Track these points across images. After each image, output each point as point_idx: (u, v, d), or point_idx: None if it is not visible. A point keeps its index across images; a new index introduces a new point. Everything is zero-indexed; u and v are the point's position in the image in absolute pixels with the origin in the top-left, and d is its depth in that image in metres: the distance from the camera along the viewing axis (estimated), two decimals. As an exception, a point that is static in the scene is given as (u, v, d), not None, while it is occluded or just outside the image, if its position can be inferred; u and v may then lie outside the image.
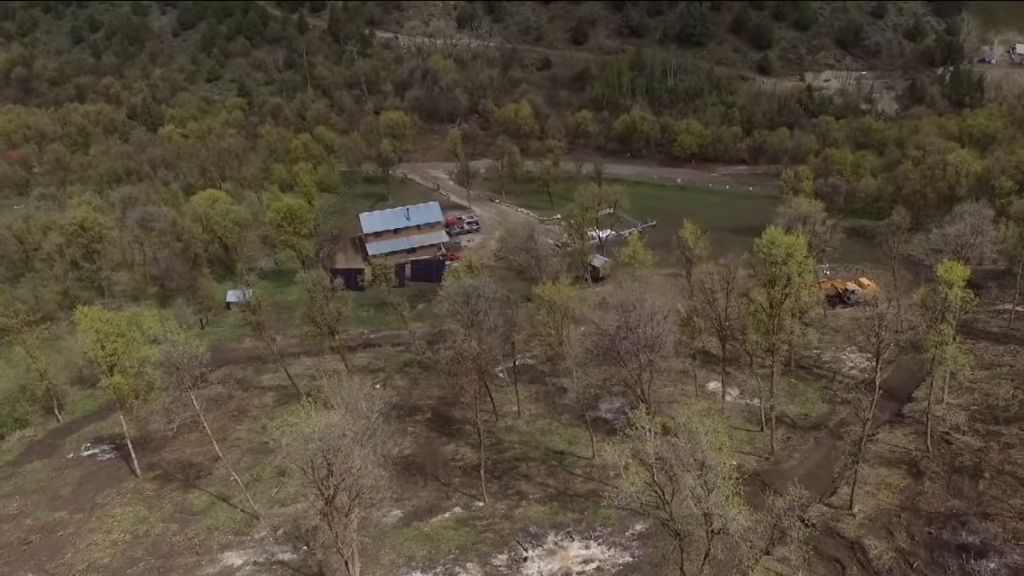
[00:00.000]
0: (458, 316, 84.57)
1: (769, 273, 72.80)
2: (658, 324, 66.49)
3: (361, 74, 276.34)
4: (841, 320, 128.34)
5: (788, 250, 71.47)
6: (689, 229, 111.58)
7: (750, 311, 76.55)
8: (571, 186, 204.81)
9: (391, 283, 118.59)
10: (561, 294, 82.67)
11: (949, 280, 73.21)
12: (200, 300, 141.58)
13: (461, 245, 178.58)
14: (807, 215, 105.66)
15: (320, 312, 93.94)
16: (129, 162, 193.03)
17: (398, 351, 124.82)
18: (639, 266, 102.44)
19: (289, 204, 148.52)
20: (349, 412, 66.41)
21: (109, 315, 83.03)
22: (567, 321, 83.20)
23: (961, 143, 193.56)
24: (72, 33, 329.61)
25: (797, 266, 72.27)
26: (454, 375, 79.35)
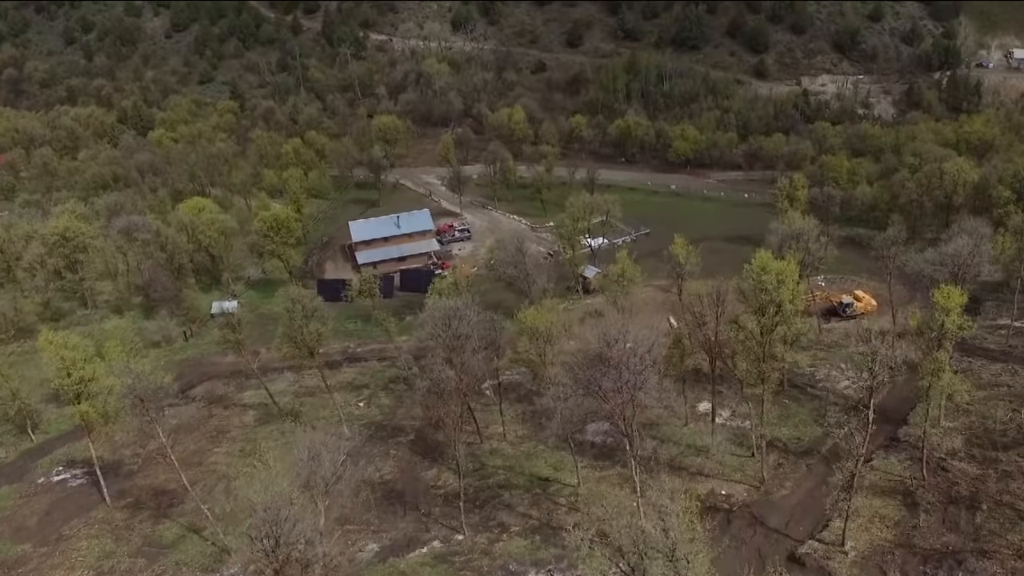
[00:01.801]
0: (439, 339, 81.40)
1: (760, 300, 69.76)
2: (642, 359, 63.35)
3: (355, 77, 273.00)
4: (836, 335, 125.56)
5: (779, 276, 68.41)
6: (680, 244, 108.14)
7: (739, 338, 73.52)
8: (564, 192, 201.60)
9: (376, 298, 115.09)
10: (544, 319, 79.42)
11: (946, 306, 70.22)
12: (185, 311, 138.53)
13: (452, 253, 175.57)
14: (800, 232, 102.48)
15: (299, 332, 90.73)
16: (117, 168, 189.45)
17: (384, 366, 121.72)
18: (628, 283, 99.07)
19: (276, 214, 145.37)
20: (312, 460, 62.41)
21: (75, 340, 79.85)
22: (551, 347, 79.91)
23: (958, 150, 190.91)
24: (64, 34, 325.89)
25: (789, 293, 69.21)
26: (432, 407, 76.06)
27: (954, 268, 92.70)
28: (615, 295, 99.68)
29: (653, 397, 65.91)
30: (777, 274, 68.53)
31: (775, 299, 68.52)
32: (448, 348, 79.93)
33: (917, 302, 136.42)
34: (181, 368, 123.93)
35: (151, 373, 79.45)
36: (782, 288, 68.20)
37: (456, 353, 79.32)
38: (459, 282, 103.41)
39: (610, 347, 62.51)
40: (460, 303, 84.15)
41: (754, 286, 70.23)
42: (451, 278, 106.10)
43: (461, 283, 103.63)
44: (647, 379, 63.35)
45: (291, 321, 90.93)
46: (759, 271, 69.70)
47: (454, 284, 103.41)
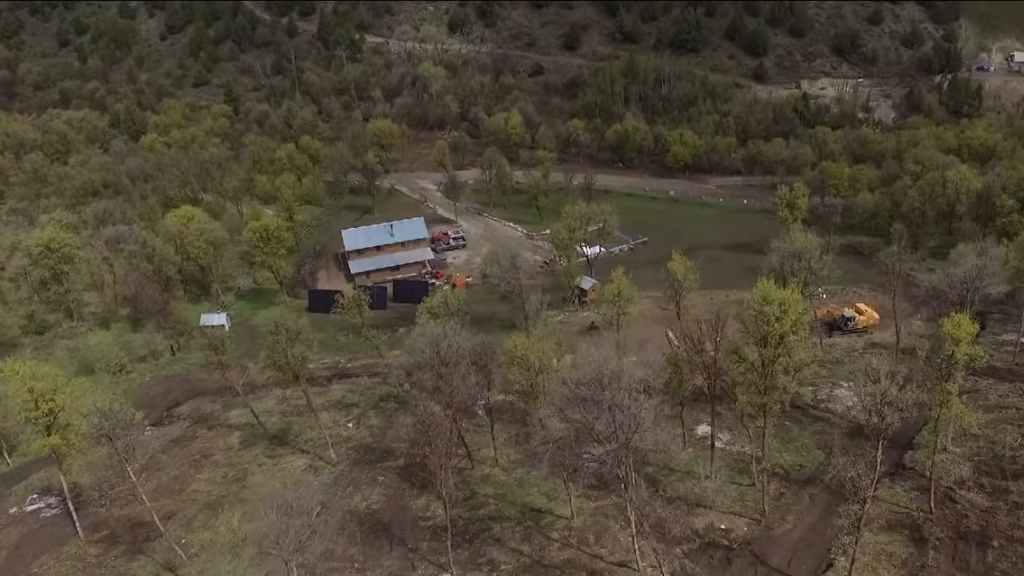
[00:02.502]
0: (426, 367, 77.60)
1: (761, 331, 66.02)
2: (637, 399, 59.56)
3: (350, 80, 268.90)
4: (838, 351, 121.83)
5: (782, 307, 64.65)
6: (678, 261, 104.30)
7: (740, 371, 69.77)
8: (561, 199, 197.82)
9: (365, 315, 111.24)
10: (536, 349, 75.54)
11: (956, 336, 66.48)
12: (172, 324, 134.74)
13: (447, 262, 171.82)
14: (802, 251, 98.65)
15: (283, 356, 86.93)
16: (107, 174, 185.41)
17: (375, 382, 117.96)
18: (625, 302, 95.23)
19: (266, 224, 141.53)
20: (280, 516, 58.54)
21: (44, 370, 75.82)
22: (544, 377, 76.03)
23: (960, 156, 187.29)
24: (58, 36, 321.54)
25: (792, 324, 65.46)
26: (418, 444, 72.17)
27: (963, 291, 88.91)
28: (611, 315, 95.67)
29: (650, 441, 62.08)
30: (780, 304, 64.74)
31: (778, 330, 64.74)
32: (436, 376, 76.21)
33: (921, 315, 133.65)
34: (167, 384, 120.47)
35: (120, 409, 75.12)
36: (785, 319, 64.40)
37: (444, 381, 75.58)
38: (449, 300, 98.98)
39: (604, 388, 58.74)
40: (449, 327, 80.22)
41: (755, 316, 66.40)
42: (442, 295, 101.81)
43: (452, 301, 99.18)
44: (644, 421, 59.58)
45: (274, 345, 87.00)
46: (761, 301, 65.87)
47: (444, 303, 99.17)
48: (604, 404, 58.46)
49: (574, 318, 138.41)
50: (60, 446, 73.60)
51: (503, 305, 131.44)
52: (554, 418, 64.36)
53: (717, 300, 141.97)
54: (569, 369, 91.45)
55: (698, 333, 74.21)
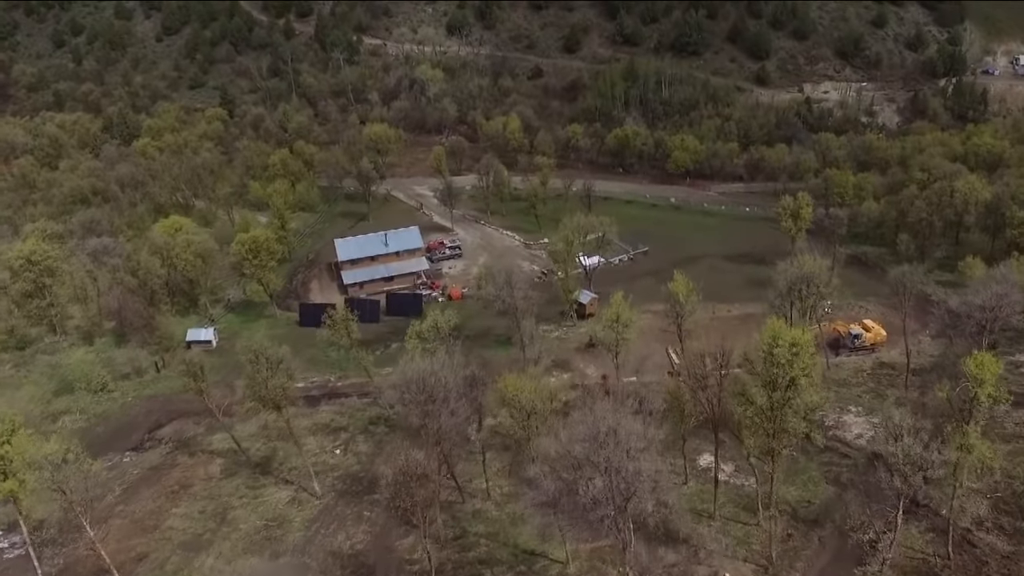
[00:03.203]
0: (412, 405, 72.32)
1: (770, 374, 60.79)
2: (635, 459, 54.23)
3: (348, 82, 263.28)
4: (844, 371, 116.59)
5: (793, 349, 59.39)
6: (679, 281, 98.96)
7: (747, 414, 64.52)
8: (559, 206, 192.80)
9: (354, 335, 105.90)
10: (528, 390, 70.08)
11: (979, 377, 61.20)
12: (157, 340, 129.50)
13: (443, 272, 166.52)
14: (810, 276, 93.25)
15: (263, 387, 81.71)
16: (96, 181, 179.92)
17: (365, 403, 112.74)
18: (624, 328, 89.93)
19: (255, 236, 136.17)
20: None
21: (0, 412, 70.34)
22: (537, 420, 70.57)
23: (966, 163, 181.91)
24: (54, 37, 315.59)
25: (803, 368, 60.20)
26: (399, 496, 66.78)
27: (981, 320, 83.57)
28: (610, 341, 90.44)
29: (651, 503, 56.87)
30: (791, 346, 59.49)
31: (789, 374, 59.53)
32: (422, 414, 71.02)
33: (929, 330, 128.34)
34: (149, 405, 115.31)
35: (75, 460, 69.20)
36: (796, 361, 59.14)
37: (431, 418, 70.41)
38: (440, 324, 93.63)
39: (599, 449, 53.33)
40: (437, 360, 74.91)
41: (764, 358, 61.13)
42: (432, 319, 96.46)
43: (442, 325, 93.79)
44: (643, 484, 54.39)
45: (253, 375, 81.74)
46: (771, 342, 60.57)
47: (435, 326, 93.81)
48: (600, 466, 53.26)
49: (572, 334, 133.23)
50: (16, 491, 68.18)
51: (499, 319, 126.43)
52: (547, 479, 58.99)
53: (719, 315, 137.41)
54: (564, 405, 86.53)
55: (701, 368, 68.91)
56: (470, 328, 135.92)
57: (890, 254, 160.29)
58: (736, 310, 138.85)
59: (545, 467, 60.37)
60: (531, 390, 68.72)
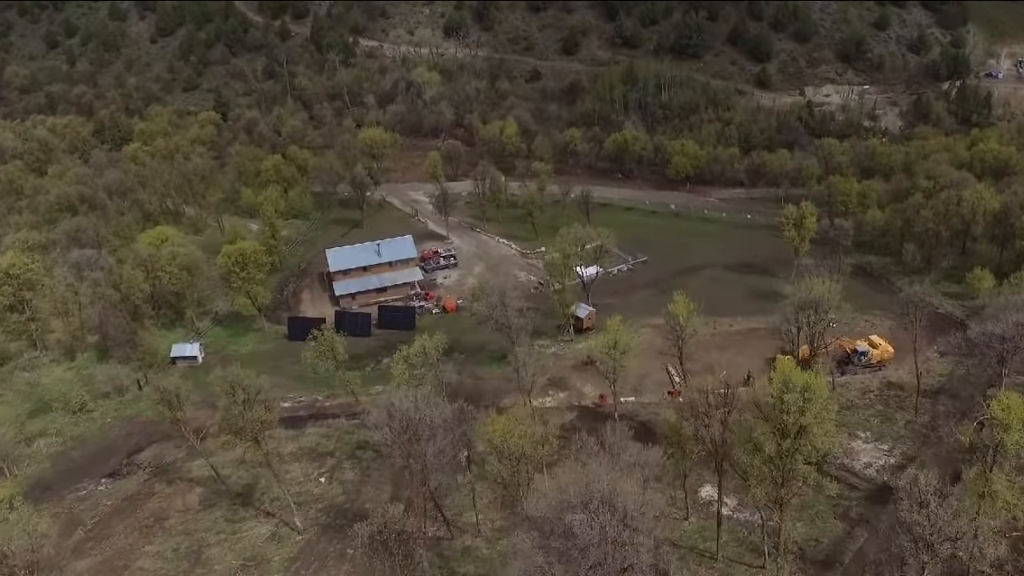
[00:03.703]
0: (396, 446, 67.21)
1: (780, 421, 55.71)
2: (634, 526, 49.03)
3: (343, 85, 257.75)
4: (851, 392, 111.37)
5: (806, 395, 54.25)
6: (679, 303, 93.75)
7: (753, 463, 59.40)
8: (557, 212, 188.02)
9: (340, 358, 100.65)
10: (516, 434, 64.59)
11: (1006, 422, 56.10)
12: (141, 356, 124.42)
13: (437, 282, 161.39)
14: (818, 301, 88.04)
15: (239, 419, 76.60)
16: (84, 188, 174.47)
17: (353, 425, 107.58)
18: (621, 356, 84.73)
19: (242, 248, 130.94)
20: None
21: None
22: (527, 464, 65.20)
23: (972, 169, 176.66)
24: (47, 38, 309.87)
25: (815, 415, 55.07)
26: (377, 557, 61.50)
27: (1002, 351, 78.40)
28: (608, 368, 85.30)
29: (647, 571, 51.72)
30: (803, 391, 54.37)
31: (800, 422, 54.44)
32: (406, 454, 65.93)
33: (937, 346, 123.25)
34: (130, 426, 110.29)
35: (29, 529, 62.92)
36: (809, 409, 54.04)
37: (415, 458, 65.32)
38: (428, 349, 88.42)
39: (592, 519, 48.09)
40: (422, 395, 69.70)
41: (774, 404, 56.03)
42: (420, 344, 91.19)
43: (431, 350, 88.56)
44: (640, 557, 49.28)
45: (229, 407, 76.58)
46: (781, 387, 55.42)
47: (423, 352, 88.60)
48: (594, 539, 48.11)
49: (569, 350, 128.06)
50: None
51: (494, 334, 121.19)
52: (535, 553, 53.77)
53: (721, 331, 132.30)
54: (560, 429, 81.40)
55: (704, 407, 63.81)
56: (464, 343, 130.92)
57: (895, 264, 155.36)
58: (738, 325, 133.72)
59: (534, 532, 55.02)
60: (519, 434, 63.45)
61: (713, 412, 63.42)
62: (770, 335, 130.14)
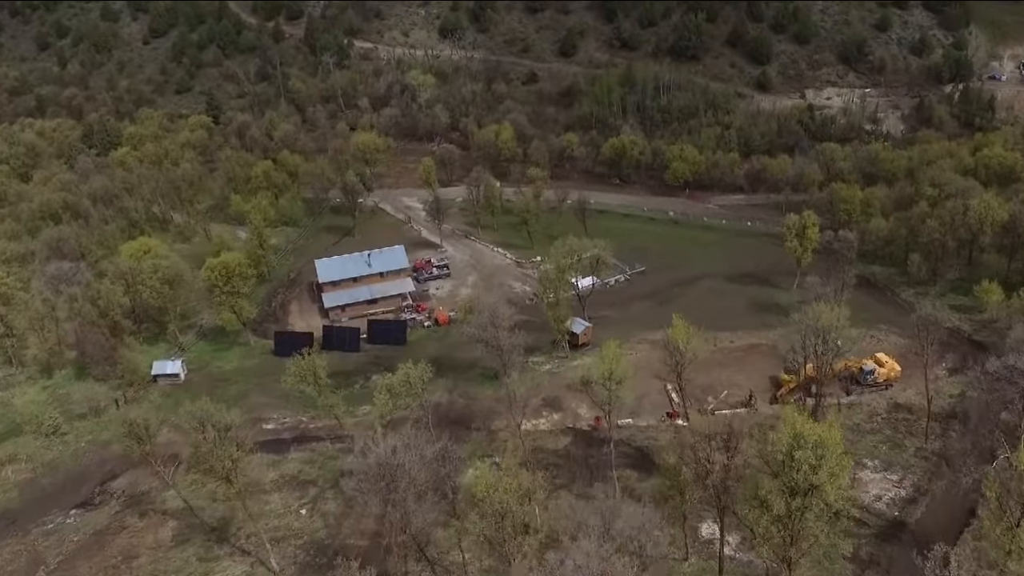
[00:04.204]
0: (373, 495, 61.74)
1: (790, 480, 50.33)
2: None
3: (337, 87, 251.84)
4: (859, 415, 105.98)
5: (818, 452, 48.80)
6: (679, 327, 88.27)
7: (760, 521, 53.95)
8: (553, 219, 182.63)
9: (322, 384, 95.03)
10: (501, 488, 58.83)
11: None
12: (120, 374, 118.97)
13: (429, 293, 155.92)
14: (827, 329, 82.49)
15: (210, 456, 71.12)
16: (68, 195, 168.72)
17: (338, 450, 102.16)
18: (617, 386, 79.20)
19: (225, 261, 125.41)
20: None
21: None
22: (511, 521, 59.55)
23: (977, 176, 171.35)
24: (38, 39, 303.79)
25: (829, 473, 49.62)
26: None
27: None
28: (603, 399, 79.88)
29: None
30: (815, 447, 48.95)
31: (813, 482, 49.06)
32: (383, 503, 60.55)
33: (945, 362, 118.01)
34: (104, 452, 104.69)
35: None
36: (822, 466, 48.63)
37: (396, 507, 59.90)
38: (412, 378, 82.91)
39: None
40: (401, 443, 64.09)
41: (783, 461, 50.61)
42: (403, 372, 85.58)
43: (415, 379, 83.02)
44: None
45: (198, 445, 71.10)
46: (791, 442, 49.99)
47: (407, 380, 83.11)
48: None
49: (564, 367, 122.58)
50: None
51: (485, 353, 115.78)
52: None
53: (721, 346, 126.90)
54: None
55: (706, 451, 58.42)
56: (456, 360, 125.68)
57: (900, 274, 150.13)
58: (739, 340, 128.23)
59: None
60: (504, 488, 57.98)
61: (714, 456, 58.05)
62: (772, 351, 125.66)
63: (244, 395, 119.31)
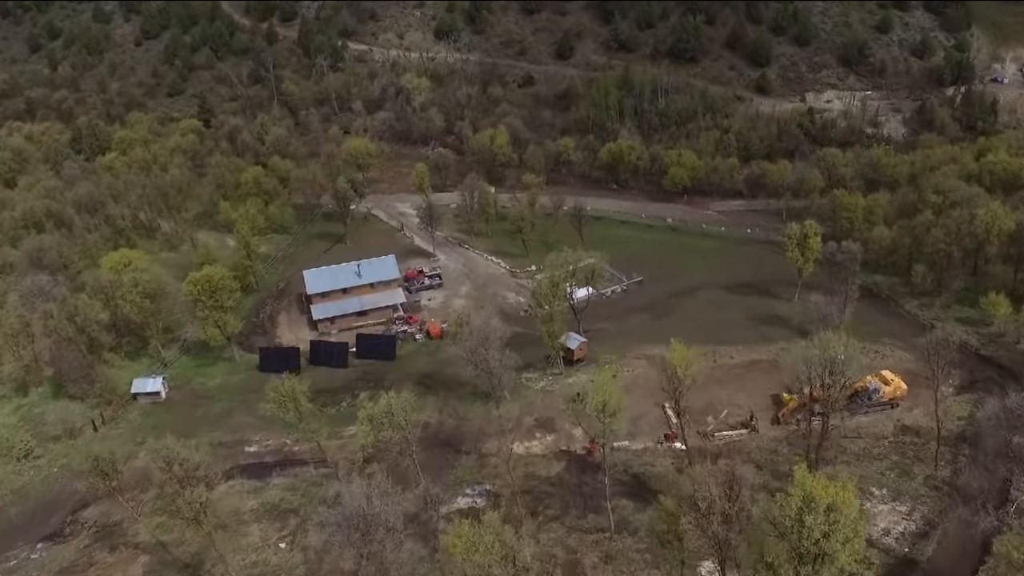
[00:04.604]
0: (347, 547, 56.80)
1: (800, 546, 45.37)
2: None
3: (331, 90, 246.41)
4: (863, 442, 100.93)
5: (831, 517, 43.81)
6: (678, 351, 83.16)
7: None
8: (548, 226, 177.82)
9: (303, 409, 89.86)
10: (483, 545, 53.30)
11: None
12: (98, 392, 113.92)
13: (421, 304, 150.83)
14: (834, 359, 77.28)
15: (173, 501, 66.00)
16: (52, 202, 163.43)
17: (322, 475, 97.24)
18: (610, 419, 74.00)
19: (208, 274, 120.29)
20: None
21: None
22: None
23: (981, 182, 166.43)
24: (30, 40, 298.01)
25: (843, 540, 44.64)
26: None
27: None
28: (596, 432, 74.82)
29: None
30: (828, 511, 43.97)
31: (825, 550, 44.11)
32: (358, 556, 55.61)
33: (953, 379, 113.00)
34: (78, 477, 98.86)
35: None
36: (835, 533, 43.69)
37: (373, 560, 54.96)
38: (394, 408, 77.62)
39: None
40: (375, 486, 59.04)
41: (792, 526, 45.62)
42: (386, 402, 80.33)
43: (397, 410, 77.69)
44: None
45: (164, 485, 65.99)
46: (801, 505, 45.02)
47: (389, 411, 77.85)
48: None
49: (559, 384, 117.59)
50: None
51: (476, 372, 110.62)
52: None
53: (721, 363, 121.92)
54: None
55: (707, 497, 53.50)
56: (447, 376, 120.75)
57: (904, 285, 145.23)
58: (739, 356, 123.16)
59: None
60: (487, 545, 52.81)
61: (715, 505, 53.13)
62: (773, 368, 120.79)
63: (227, 414, 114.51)
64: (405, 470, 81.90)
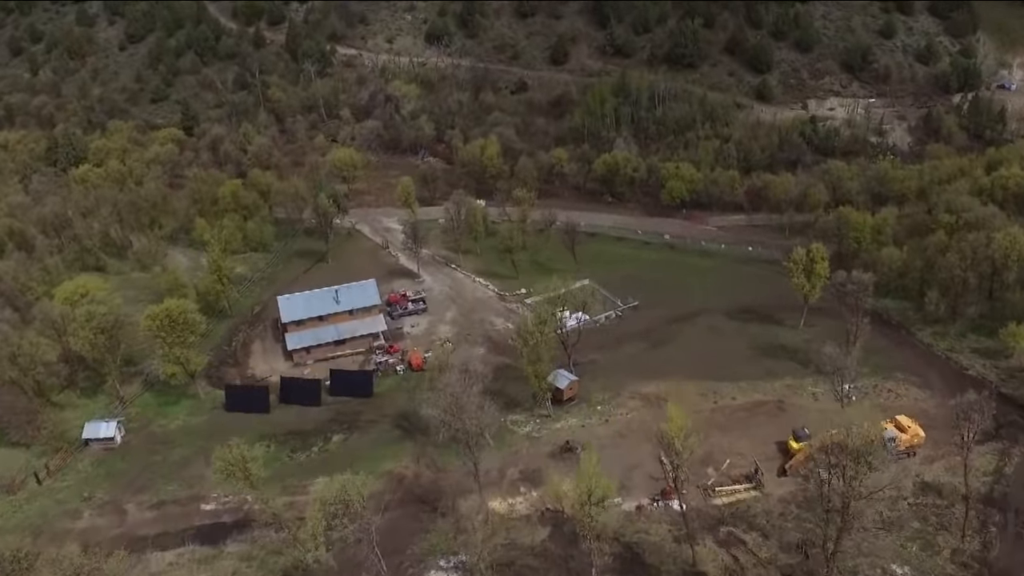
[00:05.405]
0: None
1: None
2: None
3: (319, 96, 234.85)
4: (879, 503, 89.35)
5: None
6: (676, 416, 72.10)
7: None
8: (540, 243, 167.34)
9: (254, 478, 78.70)
10: None
11: None
12: (45, 440, 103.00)
13: (404, 331, 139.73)
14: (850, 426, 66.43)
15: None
16: (15, 221, 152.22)
17: (281, 541, 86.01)
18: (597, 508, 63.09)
19: (168, 308, 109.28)
20: None
21: None
22: None
23: (993, 197, 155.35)
24: (11, 44, 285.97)
25: None
26: None
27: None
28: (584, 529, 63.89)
29: None
30: None
31: None
32: None
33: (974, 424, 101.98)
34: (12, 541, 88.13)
35: None
36: None
37: None
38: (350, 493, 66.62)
39: None
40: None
41: None
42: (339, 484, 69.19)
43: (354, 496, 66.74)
44: None
45: None
46: None
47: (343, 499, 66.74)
48: None
49: (546, 429, 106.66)
50: None
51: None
52: None
53: (722, 404, 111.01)
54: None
55: None
56: (425, 419, 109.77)
57: (915, 310, 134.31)
58: (742, 396, 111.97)
59: None
60: None
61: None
62: (778, 409, 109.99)
63: (185, 463, 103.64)
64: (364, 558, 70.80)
